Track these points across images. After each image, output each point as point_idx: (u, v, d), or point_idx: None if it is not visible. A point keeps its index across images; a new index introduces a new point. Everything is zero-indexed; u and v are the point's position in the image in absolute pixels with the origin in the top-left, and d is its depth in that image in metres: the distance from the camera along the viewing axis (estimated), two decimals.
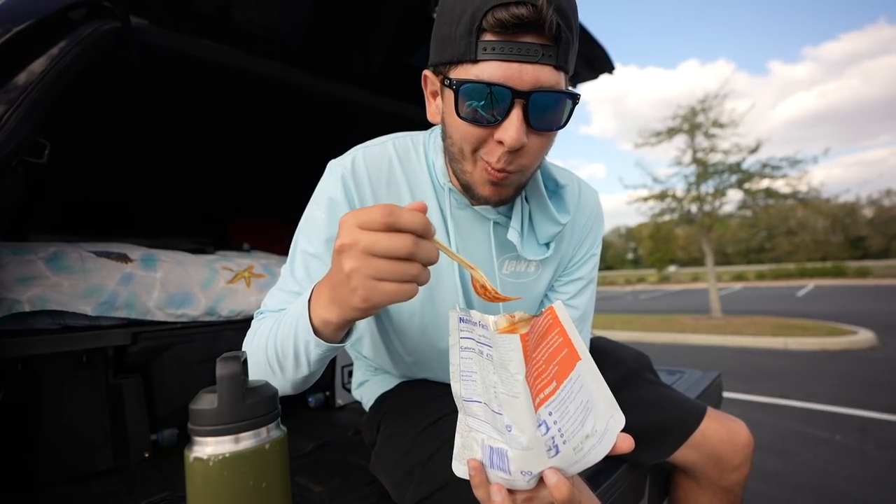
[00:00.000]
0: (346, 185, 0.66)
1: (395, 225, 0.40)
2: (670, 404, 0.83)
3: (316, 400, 1.58)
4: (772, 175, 7.91)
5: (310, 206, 0.69)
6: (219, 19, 1.10)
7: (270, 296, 0.68)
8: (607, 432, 0.40)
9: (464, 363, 0.46)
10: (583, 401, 0.40)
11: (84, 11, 0.83)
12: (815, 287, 17.52)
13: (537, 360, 0.46)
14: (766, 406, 3.41)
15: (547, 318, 0.49)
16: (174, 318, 1.21)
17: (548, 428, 0.39)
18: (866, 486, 2.11)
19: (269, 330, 0.57)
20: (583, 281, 0.78)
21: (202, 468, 0.43)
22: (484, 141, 0.56)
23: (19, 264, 1.01)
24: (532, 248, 0.69)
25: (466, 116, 0.55)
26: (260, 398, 0.47)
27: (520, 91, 0.51)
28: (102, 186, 1.77)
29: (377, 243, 0.40)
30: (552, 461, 0.38)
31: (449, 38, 0.54)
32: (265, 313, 0.66)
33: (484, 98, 0.52)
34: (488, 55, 0.51)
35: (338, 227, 0.44)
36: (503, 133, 0.53)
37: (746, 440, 0.80)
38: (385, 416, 0.80)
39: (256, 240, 1.93)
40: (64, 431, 1.06)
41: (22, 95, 0.73)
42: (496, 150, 0.56)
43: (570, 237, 0.76)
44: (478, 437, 0.42)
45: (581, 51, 1.45)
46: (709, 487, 0.83)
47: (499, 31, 0.50)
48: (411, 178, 0.69)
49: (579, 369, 0.41)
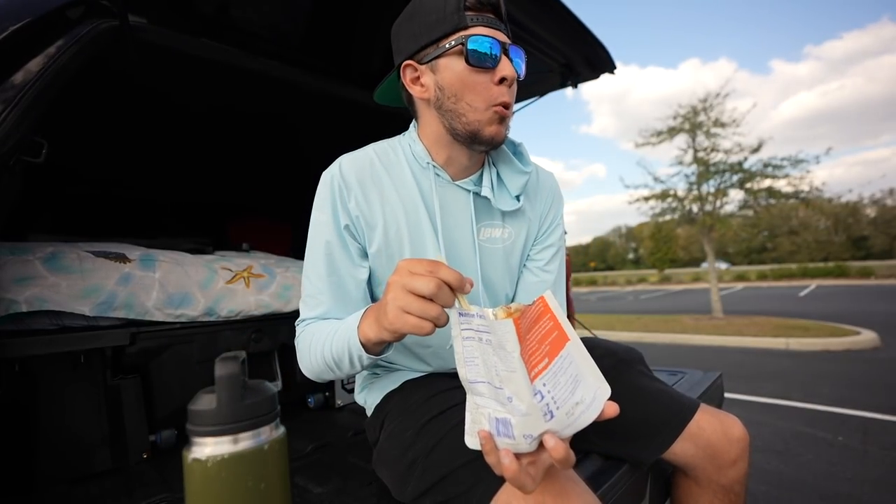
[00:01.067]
0: (337, 186, 0.78)
1: (435, 273, 0.53)
2: (664, 396, 0.84)
3: (315, 401, 1.57)
4: (773, 175, 7.89)
5: (314, 213, 0.81)
6: (218, 18, 1.10)
7: (305, 304, 0.80)
8: (595, 400, 0.46)
9: (466, 351, 0.53)
10: (572, 374, 0.47)
11: (82, 10, 0.82)
12: (817, 287, 17.49)
13: (531, 341, 0.55)
14: (767, 407, 3.40)
15: (538, 306, 0.58)
16: (173, 319, 1.21)
17: (542, 396, 0.47)
18: (868, 488, 2.10)
19: (323, 341, 0.70)
20: (553, 248, 0.92)
21: (201, 469, 0.43)
22: (488, 87, 0.72)
23: (17, 264, 1.00)
24: (505, 200, 0.83)
25: (474, 62, 0.70)
26: (259, 398, 0.46)
27: (503, 43, 0.72)
28: (101, 186, 1.76)
29: (411, 282, 0.53)
30: (548, 424, 0.45)
31: (436, 21, 0.71)
32: (308, 321, 0.79)
33: (486, 46, 0.70)
34: (475, 24, 0.71)
35: (341, 223, 0.75)
36: (503, 70, 0.72)
37: (741, 434, 0.80)
38: (389, 413, 0.81)
39: (256, 240, 1.93)
40: (62, 432, 1.06)
41: (19, 94, 0.72)
42: (498, 90, 0.73)
43: (534, 198, 0.90)
44: (484, 412, 0.49)
45: (582, 50, 1.46)
46: (708, 486, 0.82)
47: (477, 9, 0.71)
48: (391, 171, 0.81)
49: (569, 348, 0.49)
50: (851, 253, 47.43)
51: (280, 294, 1.43)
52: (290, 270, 1.51)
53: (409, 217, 0.79)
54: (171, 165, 1.81)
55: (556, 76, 1.57)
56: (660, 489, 0.96)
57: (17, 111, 0.71)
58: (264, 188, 2.16)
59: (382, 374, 0.91)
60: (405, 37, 0.76)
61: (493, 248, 0.85)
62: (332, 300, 0.78)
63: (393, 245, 0.79)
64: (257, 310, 1.37)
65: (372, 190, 0.79)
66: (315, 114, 1.65)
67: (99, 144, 1.58)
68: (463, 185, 0.82)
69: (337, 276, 0.78)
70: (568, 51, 1.41)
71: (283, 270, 1.49)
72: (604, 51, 1.42)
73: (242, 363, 0.46)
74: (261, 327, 1.40)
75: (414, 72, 0.76)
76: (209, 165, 1.88)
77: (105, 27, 0.84)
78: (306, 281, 0.80)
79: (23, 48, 0.75)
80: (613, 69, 1.55)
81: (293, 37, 1.24)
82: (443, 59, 0.72)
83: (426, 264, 0.54)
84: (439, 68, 0.73)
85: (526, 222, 0.88)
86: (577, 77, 1.57)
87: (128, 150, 1.66)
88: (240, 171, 1.98)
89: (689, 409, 0.82)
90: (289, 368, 1.54)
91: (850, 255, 44.76)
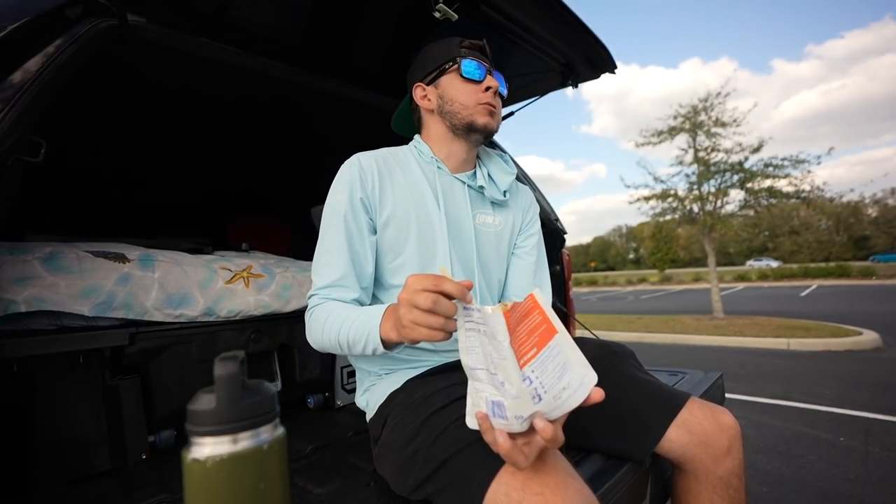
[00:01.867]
0: (356, 169, 0.91)
1: (437, 288, 0.60)
2: (655, 386, 0.89)
3: (315, 401, 1.57)
4: (774, 174, 7.88)
5: (330, 195, 0.91)
6: (217, 17, 1.10)
7: (319, 275, 0.87)
8: (582, 386, 0.50)
9: (468, 340, 0.60)
10: (560, 363, 0.52)
11: (80, 9, 0.82)
12: (818, 287, 17.47)
13: (521, 332, 0.62)
14: (768, 407, 3.39)
15: (528, 302, 0.65)
16: (172, 319, 1.20)
17: (531, 381, 0.53)
18: (870, 489, 2.09)
19: (341, 323, 0.77)
20: (536, 235, 1.10)
21: (200, 469, 0.43)
22: (477, 92, 0.94)
23: (15, 264, 1.00)
24: (495, 192, 1.01)
25: (468, 76, 0.93)
26: (258, 398, 0.46)
27: (488, 67, 0.97)
28: (100, 185, 1.76)
29: (414, 298, 0.61)
30: (537, 406, 0.49)
31: (440, 55, 0.97)
32: (324, 289, 0.86)
33: (475, 65, 0.94)
34: (467, 55, 0.95)
35: (357, 196, 0.89)
36: (489, 82, 0.94)
37: (731, 422, 0.84)
38: (392, 411, 0.84)
39: (255, 240, 1.93)
40: (61, 433, 1.06)
41: (17, 94, 0.72)
42: (484, 94, 0.94)
43: (516, 198, 1.09)
44: (482, 395, 0.54)
45: (583, 50, 1.45)
46: (706, 480, 0.83)
47: (469, 48, 0.96)
48: (402, 164, 0.98)
49: (557, 339, 0.55)
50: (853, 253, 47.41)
51: (279, 294, 1.43)
52: (289, 270, 1.50)
53: (416, 198, 0.93)
54: (171, 165, 1.81)
55: (557, 76, 1.56)
56: (660, 489, 0.96)
57: (15, 111, 0.71)
58: (264, 188, 2.16)
59: (384, 375, 0.92)
60: (417, 71, 1.00)
61: (487, 231, 1.01)
62: (347, 266, 0.86)
63: (401, 218, 0.91)
64: (257, 310, 1.36)
65: (385, 175, 0.93)
66: (315, 114, 1.65)
67: (98, 144, 1.58)
68: (460, 177, 0.99)
69: (350, 244, 0.87)
70: (568, 50, 1.40)
71: (282, 270, 1.48)
72: (604, 50, 1.42)
73: (242, 363, 0.46)
74: (260, 327, 1.40)
75: (422, 91, 0.99)
76: (209, 165, 1.88)
77: (104, 26, 0.84)
78: (320, 252, 0.89)
79: (21, 47, 0.75)
80: (614, 69, 1.54)
81: (293, 36, 1.24)
82: (444, 77, 0.96)
83: (431, 280, 0.61)
84: (441, 84, 0.96)
85: (511, 214, 1.06)
86: (578, 77, 1.56)
87: (127, 150, 1.66)
88: (239, 171, 1.98)
89: (681, 397, 0.86)
90: (289, 368, 1.54)
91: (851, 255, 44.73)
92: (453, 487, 0.66)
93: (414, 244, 0.91)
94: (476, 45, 0.97)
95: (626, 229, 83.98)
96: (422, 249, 0.92)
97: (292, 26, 1.22)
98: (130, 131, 1.55)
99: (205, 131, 1.66)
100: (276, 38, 1.22)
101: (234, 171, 1.98)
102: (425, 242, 0.92)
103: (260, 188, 2.15)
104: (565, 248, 1.83)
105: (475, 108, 0.93)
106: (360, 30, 1.34)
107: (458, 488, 0.65)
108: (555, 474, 0.58)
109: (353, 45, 1.37)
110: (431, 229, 0.92)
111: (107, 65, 1.13)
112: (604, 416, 0.84)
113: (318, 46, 1.30)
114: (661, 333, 7.08)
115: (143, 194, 1.90)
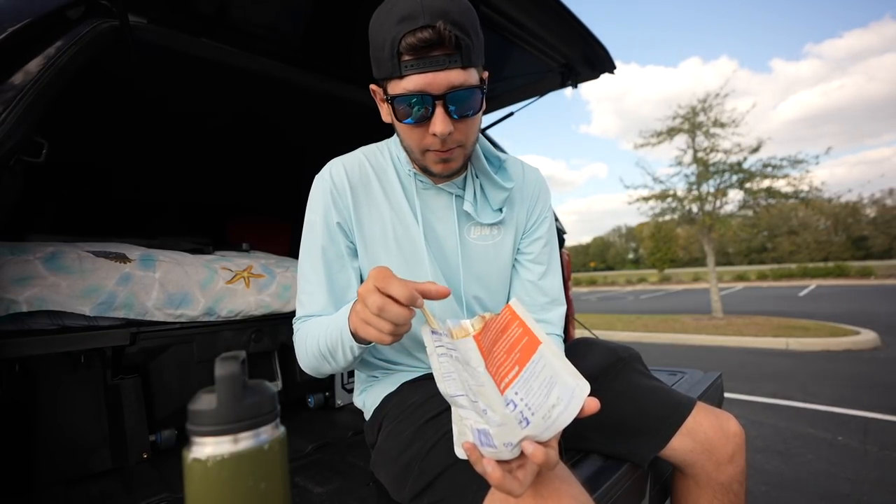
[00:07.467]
0: (328, 188, 0.82)
1: (384, 289, 0.55)
2: (662, 393, 0.86)
3: (315, 400, 1.57)
4: (773, 175, 7.89)
5: (307, 214, 0.84)
6: (218, 18, 1.10)
7: (300, 303, 0.83)
8: (573, 399, 0.46)
9: (443, 366, 0.55)
10: (546, 377, 0.48)
11: (81, 10, 0.82)
12: (816, 287, 17.48)
13: (497, 352, 0.57)
14: (767, 407, 3.40)
15: (505, 315, 0.61)
16: (173, 319, 1.21)
17: (515, 405, 0.49)
18: (869, 488, 2.10)
19: (318, 334, 0.74)
20: (542, 240, 0.93)
21: (200, 469, 0.43)
22: (423, 136, 0.73)
23: (17, 264, 1.00)
24: (487, 214, 0.87)
25: (404, 121, 0.71)
26: (259, 398, 0.46)
27: (437, 94, 0.67)
28: (100, 185, 1.76)
29: (367, 297, 0.56)
30: (525, 431, 0.45)
31: (380, 60, 0.68)
32: (305, 318, 0.82)
33: (413, 104, 0.68)
34: (409, 71, 0.66)
35: (333, 220, 0.80)
36: (434, 127, 0.70)
37: (737, 429, 0.82)
38: (387, 416, 0.82)
39: (256, 240, 1.93)
40: (62, 432, 1.06)
41: (19, 95, 0.72)
42: (434, 140, 0.72)
43: (520, 202, 0.92)
44: (467, 423, 0.50)
45: (582, 50, 1.46)
46: (707, 485, 0.83)
47: (412, 52, 0.65)
48: (379, 172, 0.86)
49: (541, 351, 0.51)
50: (851, 253, 47.43)
51: (280, 294, 1.43)
52: (289, 270, 1.51)
53: (396, 216, 0.84)
54: (171, 165, 1.81)
55: (556, 76, 1.57)
56: (660, 489, 0.96)
57: (17, 111, 0.71)
58: (264, 188, 2.16)
59: (381, 376, 0.92)
60: (370, 57, 0.73)
61: (485, 244, 0.88)
62: (327, 297, 0.80)
63: (379, 242, 0.83)
64: (257, 310, 1.37)
65: (360, 191, 0.84)
66: (315, 114, 1.65)
67: (98, 145, 1.58)
68: (445, 187, 0.85)
69: (330, 274, 0.81)
70: (567, 50, 1.41)
71: (282, 270, 1.49)
72: (603, 50, 1.42)
73: (242, 363, 0.46)
74: (261, 327, 1.40)
75: (379, 95, 0.76)
76: (209, 165, 1.88)
77: (105, 27, 0.84)
78: (301, 279, 0.83)
79: (22, 48, 0.75)
80: (613, 69, 1.55)
81: (293, 37, 1.24)
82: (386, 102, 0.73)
83: (381, 279, 0.55)
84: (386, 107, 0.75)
85: (513, 225, 0.91)
86: (577, 77, 1.56)
87: (127, 151, 1.66)
88: (240, 171, 1.98)
89: (687, 405, 0.83)
90: (289, 368, 1.54)
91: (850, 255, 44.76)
92: (449, 500, 0.65)
93: (396, 265, 0.82)
94: (422, 40, 0.63)
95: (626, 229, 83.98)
96: (403, 270, 0.82)
97: (293, 27, 1.22)
98: (130, 132, 1.55)
99: (204, 131, 1.66)
100: (276, 39, 1.22)
101: (234, 172, 1.98)
102: (406, 262, 0.83)
103: (260, 188, 2.15)
104: (565, 248, 1.84)
105: (422, 155, 0.76)
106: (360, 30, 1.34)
107: (454, 502, 0.64)
108: (551, 483, 0.57)
109: (354, 46, 1.37)
110: (412, 247, 0.83)
111: (107, 65, 1.13)
112: (606, 426, 0.83)
113: (319, 47, 1.30)
114: (660, 333, 7.09)
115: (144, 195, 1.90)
